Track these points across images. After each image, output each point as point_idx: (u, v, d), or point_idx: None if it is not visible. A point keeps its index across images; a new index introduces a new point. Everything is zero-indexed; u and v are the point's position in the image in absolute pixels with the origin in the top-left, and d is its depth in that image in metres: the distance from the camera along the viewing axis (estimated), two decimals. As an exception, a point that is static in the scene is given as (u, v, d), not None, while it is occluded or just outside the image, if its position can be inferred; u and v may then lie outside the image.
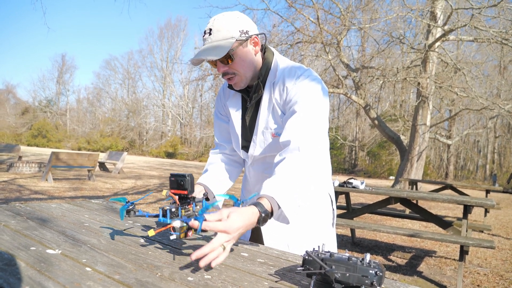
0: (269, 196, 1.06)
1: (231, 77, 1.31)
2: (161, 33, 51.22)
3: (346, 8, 12.86)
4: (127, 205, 1.13)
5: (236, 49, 1.26)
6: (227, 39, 1.23)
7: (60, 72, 57.49)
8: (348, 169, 35.35)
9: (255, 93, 1.36)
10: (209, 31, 1.25)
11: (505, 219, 8.28)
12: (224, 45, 1.22)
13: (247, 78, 1.33)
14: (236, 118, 1.44)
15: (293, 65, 1.34)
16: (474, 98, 12.85)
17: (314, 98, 1.26)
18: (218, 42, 1.23)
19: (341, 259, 0.77)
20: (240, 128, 1.44)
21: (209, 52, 1.22)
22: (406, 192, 4.24)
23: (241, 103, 1.44)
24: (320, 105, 1.27)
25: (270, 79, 1.35)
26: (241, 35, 1.25)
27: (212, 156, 1.59)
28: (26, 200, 6.40)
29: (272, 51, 1.39)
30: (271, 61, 1.37)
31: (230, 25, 1.25)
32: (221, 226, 0.90)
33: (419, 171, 14.00)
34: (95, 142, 46.38)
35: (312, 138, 1.22)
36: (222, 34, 1.23)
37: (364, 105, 14.27)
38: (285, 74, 1.32)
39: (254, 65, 1.33)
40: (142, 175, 14.21)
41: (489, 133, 31.32)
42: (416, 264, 4.32)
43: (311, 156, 1.19)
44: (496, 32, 10.68)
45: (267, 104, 1.35)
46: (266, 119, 1.35)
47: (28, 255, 0.88)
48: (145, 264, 0.89)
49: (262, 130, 1.37)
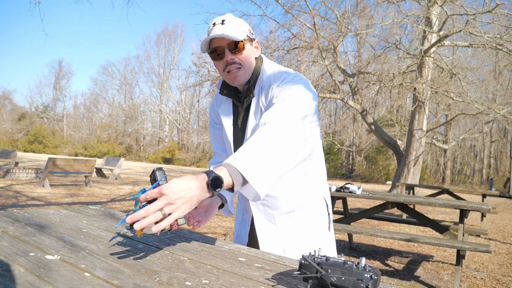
0: (227, 164, 0.96)
1: (234, 69, 1.32)
2: (158, 39, 51.30)
3: (342, 14, 12.95)
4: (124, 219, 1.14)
5: (246, 43, 1.31)
6: (241, 31, 1.29)
7: (57, 77, 57.41)
8: (345, 174, 35.36)
9: (246, 97, 1.38)
10: (221, 22, 1.29)
11: (502, 223, 8.31)
12: (240, 33, 1.28)
13: (248, 74, 1.35)
14: (228, 124, 1.45)
15: (280, 69, 1.37)
16: (469, 103, 12.93)
17: (297, 95, 1.23)
18: (233, 29, 1.28)
19: (337, 263, 0.79)
20: (232, 134, 1.45)
21: (229, 32, 1.26)
22: (403, 197, 4.25)
23: (233, 109, 1.46)
24: (303, 102, 1.22)
25: (258, 84, 1.37)
26: (250, 34, 1.33)
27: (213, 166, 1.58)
28: (22, 206, 6.37)
29: (262, 58, 1.42)
30: (260, 66, 1.40)
31: (241, 22, 1.32)
32: (156, 190, 0.88)
33: (416, 175, 14.04)
34: (92, 147, 46.23)
35: (284, 116, 1.13)
36: (236, 26, 1.29)
37: (361, 110, 14.32)
38: (272, 78, 1.35)
39: (253, 65, 1.37)
40: (139, 181, 14.18)
41: (485, 137, 31.47)
42: (413, 268, 4.33)
43: (281, 127, 1.09)
44: (491, 37, 10.79)
45: (255, 108, 1.36)
46: (255, 124, 1.36)
47: (27, 261, 0.89)
48: (143, 269, 0.90)
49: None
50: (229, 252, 1.14)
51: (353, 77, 14.33)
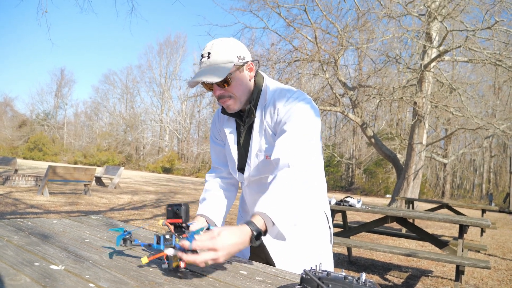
0: (261, 213, 1.06)
1: (226, 100, 1.33)
2: (161, 49, 51.70)
3: (343, 28, 13.10)
4: (124, 234, 1.16)
5: (234, 73, 1.29)
6: (226, 63, 1.27)
7: (59, 85, 57.67)
8: (345, 187, 35.30)
9: (248, 117, 1.39)
10: (207, 55, 1.28)
11: (502, 239, 8.28)
12: (224, 68, 1.25)
13: (241, 102, 1.35)
14: (232, 142, 1.46)
15: (282, 88, 1.38)
16: (469, 118, 12.98)
17: (304, 117, 1.28)
18: (217, 65, 1.26)
19: (338, 278, 0.80)
20: (236, 152, 1.46)
21: (209, 75, 1.24)
22: (403, 211, 4.26)
23: (235, 127, 1.47)
24: (310, 123, 1.29)
25: (261, 103, 1.37)
26: (239, 60, 1.29)
27: (209, 182, 1.58)
28: (22, 214, 6.36)
29: (262, 75, 1.42)
30: (262, 84, 1.40)
31: (228, 50, 1.28)
32: (210, 244, 0.92)
33: (415, 189, 14.03)
34: (92, 156, 46.21)
35: (302, 154, 1.22)
36: (221, 57, 1.26)
37: (361, 123, 14.38)
38: (275, 96, 1.35)
39: (248, 89, 1.36)
40: (138, 190, 14.16)
41: (485, 152, 31.48)
42: (412, 284, 4.31)
43: (302, 171, 1.19)
44: (490, 53, 10.90)
45: (259, 127, 1.37)
46: (259, 142, 1.38)
47: (32, 271, 0.90)
48: (147, 280, 0.91)
49: (256, 153, 1.39)
50: (230, 265, 1.15)
51: (354, 90, 14.42)
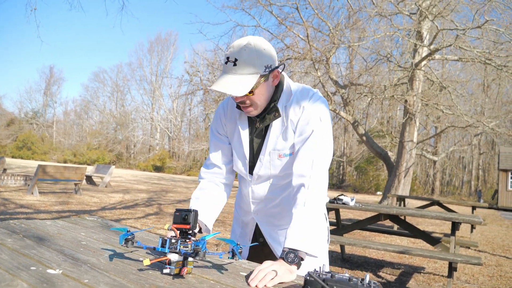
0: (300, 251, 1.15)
1: (247, 107, 1.31)
2: (151, 46, 51.38)
3: (335, 26, 13.12)
4: (127, 234, 1.14)
5: (258, 84, 1.26)
6: (252, 74, 1.23)
7: (48, 84, 56.98)
8: (336, 184, 35.51)
9: (270, 115, 1.36)
10: (234, 60, 1.23)
11: (491, 235, 8.40)
12: (249, 81, 1.22)
13: (262, 108, 1.34)
14: (245, 138, 1.42)
15: (304, 87, 1.39)
16: (459, 115, 13.13)
17: (324, 122, 1.32)
18: (242, 75, 1.23)
19: (342, 280, 0.80)
20: (248, 149, 1.43)
21: (233, 87, 1.21)
22: (396, 208, 4.28)
23: (248, 123, 1.43)
24: (329, 129, 1.35)
25: (282, 102, 1.36)
26: (265, 70, 1.26)
27: (205, 180, 1.53)
28: (11, 214, 6.26)
29: (283, 75, 1.40)
30: (283, 83, 1.38)
31: (257, 60, 1.24)
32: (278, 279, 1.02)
33: (406, 187, 14.15)
34: (82, 154, 45.74)
35: (323, 172, 1.30)
36: (248, 68, 1.23)
37: (352, 121, 14.45)
38: (298, 95, 1.35)
39: (270, 95, 1.34)
40: (130, 189, 14.05)
41: (474, 150, 31.94)
42: (405, 280, 4.34)
43: (322, 193, 1.29)
44: (480, 52, 11.02)
45: (280, 126, 1.35)
46: (275, 141, 1.36)
47: (29, 276, 0.88)
48: (147, 284, 0.89)
49: (270, 151, 1.37)
50: (230, 267, 1.14)
51: (345, 89, 14.47)
